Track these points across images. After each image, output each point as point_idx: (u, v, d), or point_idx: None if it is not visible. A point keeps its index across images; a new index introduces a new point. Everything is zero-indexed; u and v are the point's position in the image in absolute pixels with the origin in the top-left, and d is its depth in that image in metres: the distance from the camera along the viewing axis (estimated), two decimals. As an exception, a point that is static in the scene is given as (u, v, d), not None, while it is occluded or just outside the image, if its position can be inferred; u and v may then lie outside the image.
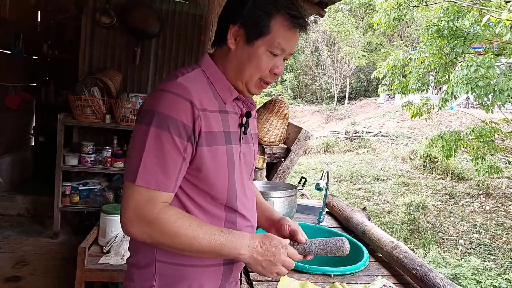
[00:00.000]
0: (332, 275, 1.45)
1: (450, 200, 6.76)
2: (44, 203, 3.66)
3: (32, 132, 4.56)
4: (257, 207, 1.15)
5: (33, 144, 4.63)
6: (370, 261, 1.57)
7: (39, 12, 4.39)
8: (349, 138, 12.55)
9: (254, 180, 2.21)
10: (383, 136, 12.37)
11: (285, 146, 2.31)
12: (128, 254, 1.72)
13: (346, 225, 1.94)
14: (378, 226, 5.76)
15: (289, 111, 2.31)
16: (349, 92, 21.01)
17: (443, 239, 5.53)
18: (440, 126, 11.82)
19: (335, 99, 21.09)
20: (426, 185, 7.56)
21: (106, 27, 3.35)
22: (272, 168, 2.31)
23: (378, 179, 8.26)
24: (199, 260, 0.94)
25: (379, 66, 6.89)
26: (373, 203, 7.11)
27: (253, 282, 1.37)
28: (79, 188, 3.31)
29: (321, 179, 1.84)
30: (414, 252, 4.97)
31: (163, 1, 3.44)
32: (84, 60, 3.43)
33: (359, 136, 12.56)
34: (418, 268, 1.35)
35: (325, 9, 2.76)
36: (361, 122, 15.44)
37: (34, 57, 4.38)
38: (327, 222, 2.01)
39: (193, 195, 0.93)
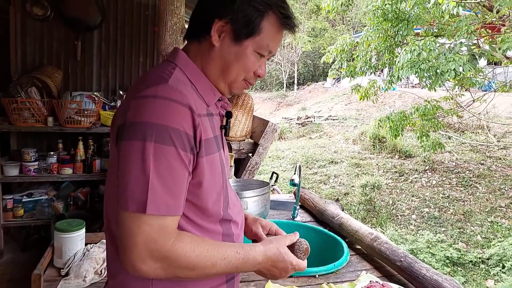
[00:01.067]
0: (317, 276, 1.40)
1: (400, 178, 7.15)
2: (-19, 219, 3.26)
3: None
4: None
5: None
6: (350, 255, 1.55)
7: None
8: (301, 124, 12.78)
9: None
10: (333, 119, 12.76)
11: (252, 141, 2.22)
12: (90, 275, 1.54)
13: (321, 218, 1.91)
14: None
15: (253, 104, 2.21)
16: (297, 78, 21.37)
17: (397, 216, 5.84)
18: (385, 107, 12.43)
19: (284, 85, 21.36)
20: (377, 164, 7.92)
21: (40, 19, 2.99)
22: (240, 165, 2.21)
23: (332, 162, 8.50)
24: (201, 284, 0.85)
25: (327, 51, 7.01)
26: (329, 186, 7.32)
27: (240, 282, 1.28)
28: (23, 200, 2.97)
29: (294, 174, 1.78)
30: (372, 230, 5.23)
31: (104, -12, 3.14)
32: (16, 57, 3.04)
33: (311, 121, 12.84)
34: (402, 259, 1.34)
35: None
36: (311, 107, 15.79)
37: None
38: (301, 217, 1.97)
39: (188, 213, 0.81)
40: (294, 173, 1.80)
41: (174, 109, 0.73)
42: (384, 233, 4.97)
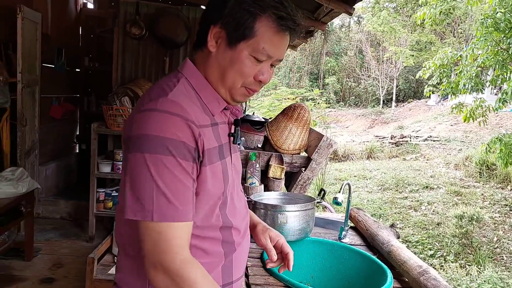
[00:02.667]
0: (346, 301, 1.30)
1: (511, 212, 6.11)
2: (84, 208, 3.82)
3: (75, 140, 4.82)
4: None
5: (77, 151, 4.88)
6: (394, 287, 1.40)
7: (80, 27, 4.64)
8: (395, 143, 11.93)
9: (271, 190, 2.11)
10: (434, 140, 11.60)
11: (306, 155, 2.18)
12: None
13: (372, 243, 1.77)
14: (426, 239, 5.32)
15: (310, 117, 2.17)
16: (396, 94, 20.09)
17: (501, 256, 4.98)
18: (500, 130, 10.84)
19: (381, 102, 20.26)
20: (482, 194, 6.92)
21: (137, 38, 3.44)
22: (292, 179, 2.18)
23: (427, 187, 7.71)
24: None
25: (424, 66, 6.45)
26: (420, 213, 6.64)
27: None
28: (112, 194, 3.41)
29: (339, 191, 1.69)
30: (466, 269, 4.54)
31: (190, 9, 3.47)
32: (117, 71, 3.55)
33: (407, 141, 11.89)
34: (445, 299, 1.16)
35: (353, 6, 2.59)
36: (410, 126, 14.64)
37: (76, 70, 4.63)
38: (350, 239, 1.84)
39: None
40: (339, 191, 1.70)
41: (172, 121, 0.76)
42: (480, 273, 4.29)
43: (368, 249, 1.75)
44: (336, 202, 1.66)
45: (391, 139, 12.28)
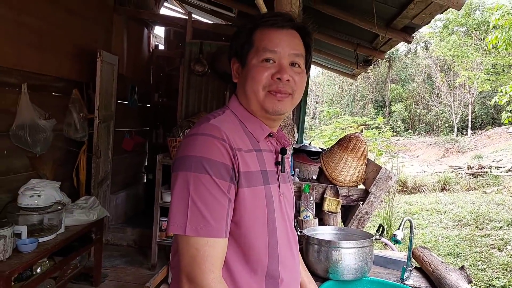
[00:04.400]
0: None
1: None
2: (148, 236, 4.02)
3: (144, 171, 5.16)
4: None
5: (145, 181, 5.22)
6: None
7: (151, 67, 5.09)
8: (472, 174, 10.88)
9: (326, 225, 2.03)
10: (519, 171, 10.36)
11: (364, 188, 2.08)
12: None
13: (438, 286, 1.59)
14: (508, 286, 4.67)
15: (367, 148, 2.09)
16: (472, 121, 18.52)
17: None
18: None
19: (455, 129, 18.80)
20: None
21: (200, 75, 3.67)
22: (349, 213, 2.09)
23: (512, 224, 6.84)
24: None
25: (500, 90, 5.91)
26: (506, 254, 5.86)
27: None
28: (174, 223, 3.54)
29: (399, 229, 1.57)
30: None
31: (248, 45, 3.62)
32: (181, 105, 3.79)
33: (486, 171, 10.78)
34: None
35: (412, 35, 2.51)
36: (489, 156, 13.30)
37: (147, 105, 5.04)
38: (414, 281, 1.68)
39: (228, 257, 0.85)
40: (399, 228, 1.58)
41: (209, 143, 0.83)
42: None
43: (435, 293, 1.58)
44: (395, 240, 1.55)
45: (468, 169, 11.24)
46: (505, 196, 8.92)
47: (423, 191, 10.46)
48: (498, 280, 4.97)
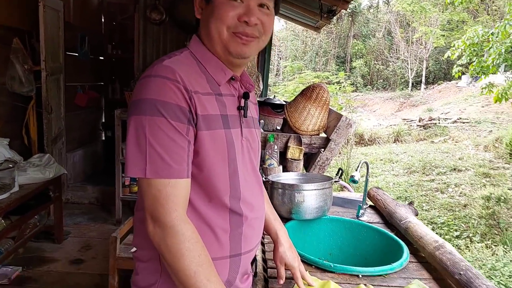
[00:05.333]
0: (360, 276, 1.30)
1: (543, 194, 5.84)
2: (111, 193, 3.96)
3: (101, 128, 4.97)
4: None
5: (103, 139, 5.04)
6: (410, 262, 1.39)
7: (102, 15, 4.72)
8: (423, 126, 11.57)
9: (290, 171, 2.11)
10: (463, 122, 11.16)
11: (325, 136, 2.16)
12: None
13: (389, 220, 1.75)
14: (452, 221, 5.22)
15: (329, 98, 2.14)
16: (426, 76, 19.35)
17: (531, 237, 4.80)
18: (535, 109, 10.28)
19: (410, 84, 19.59)
20: (511, 176, 6.65)
21: (157, 23, 3.47)
22: (311, 160, 2.17)
23: (455, 169, 7.48)
24: None
25: (453, 45, 6.17)
26: (447, 195, 6.46)
27: (269, 279, 1.29)
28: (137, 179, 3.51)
29: (356, 170, 1.67)
30: (491, 250, 4.40)
31: (208, -8, 3.44)
32: (138, 57, 3.60)
33: (435, 123, 11.50)
34: (461, 272, 1.14)
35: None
36: (439, 108, 14.12)
37: (100, 57, 4.74)
38: (368, 217, 1.83)
39: (191, 195, 0.86)
40: (356, 170, 1.68)
41: (162, 85, 0.80)
42: (506, 253, 4.17)
43: (385, 226, 1.73)
44: (352, 180, 1.65)
45: (419, 122, 11.92)
46: (450, 145, 9.64)
47: (378, 143, 11.04)
48: (439, 218, 5.52)
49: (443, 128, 10.89)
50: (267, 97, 2.95)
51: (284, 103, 2.65)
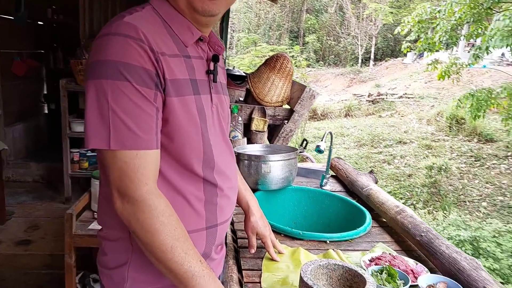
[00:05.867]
0: (328, 241, 1.34)
1: (476, 163, 6.44)
2: (58, 169, 3.70)
3: (43, 100, 4.58)
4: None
5: (46, 112, 4.66)
6: (372, 227, 1.45)
7: (40, -26, 4.25)
8: (372, 101, 12.10)
9: (254, 143, 2.09)
10: (408, 98, 11.84)
11: (289, 107, 2.15)
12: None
13: (351, 188, 1.81)
14: (398, 190, 5.59)
15: (293, 68, 2.12)
16: (374, 53, 20.06)
17: (465, 202, 5.31)
18: (471, 86, 11.13)
19: (360, 60, 20.23)
20: (451, 147, 7.22)
21: (105, -14, 3.18)
22: (274, 131, 2.16)
23: (400, 142, 7.97)
24: None
25: (403, 21, 6.40)
26: (393, 166, 6.90)
27: (240, 249, 1.28)
28: (87, 154, 3.31)
29: (322, 140, 1.69)
30: (433, 215, 4.83)
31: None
32: (84, 23, 3.31)
33: (383, 98, 12.08)
34: (422, 234, 1.21)
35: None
36: (386, 84, 14.81)
37: (39, 22, 4.29)
38: (331, 186, 1.88)
39: (162, 165, 0.80)
40: (322, 140, 1.70)
41: (124, 44, 0.71)
42: (446, 217, 4.58)
43: (348, 194, 1.79)
44: (318, 150, 1.67)
45: (368, 97, 12.44)
46: (396, 119, 10.21)
47: (330, 117, 11.40)
48: (387, 187, 5.89)
49: (390, 103, 11.48)
50: (226, 68, 2.87)
51: (245, 74, 2.60)
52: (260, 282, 1.09)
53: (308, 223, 1.76)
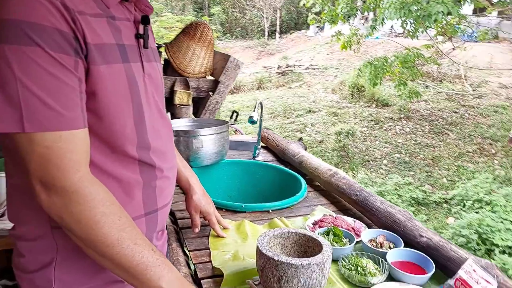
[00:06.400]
0: (270, 211, 1.35)
1: (375, 126, 7.19)
2: None
3: None
4: None
5: None
6: (308, 191, 1.50)
7: None
8: (281, 73, 12.51)
9: (179, 118, 1.98)
10: (314, 69, 12.53)
11: (213, 78, 2.07)
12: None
13: (283, 157, 1.84)
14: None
15: (214, 37, 2.03)
16: (280, 26, 20.60)
17: (369, 161, 5.93)
18: (367, 56, 12.23)
19: (266, 33, 20.61)
20: (354, 113, 7.92)
21: None
22: (200, 104, 2.07)
23: (310, 111, 8.45)
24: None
25: (308, -6, 6.64)
26: (305, 134, 7.31)
27: (182, 230, 1.21)
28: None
29: (253, 110, 1.67)
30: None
31: None
32: None
33: (291, 70, 12.57)
34: (357, 193, 1.29)
35: None
36: (293, 56, 15.41)
37: None
38: (263, 157, 1.89)
39: (91, 151, 0.68)
40: (253, 110, 1.68)
41: (33, 1, 0.57)
42: (355, 177, 5.06)
43: (280, 163, 1.83)
44: (252, 121, 1.64)
45: (278, 69, 12.81)
46: (304, 89, 10.76)
47: (243, 90, 11.51)
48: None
49: (298, 75, 12.01)
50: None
51: (157, 45, 2.41)
52: (210, 261, 1.05)
53: (243, 195, 1.75)
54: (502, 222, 3.47)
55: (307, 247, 0.96)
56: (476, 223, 3.41)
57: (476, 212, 3.81)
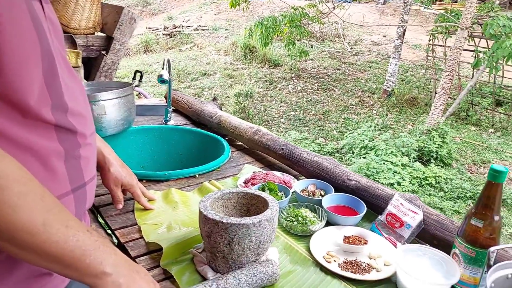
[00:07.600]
0: (197, 175, 1.26)
1: (270, 86, 7.44)
2: None
3: None
4: None
5: None
6: (231, 152, 1.45)
7: None
8: (169, 35, 11.81)
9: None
10: (203, 30, 12.15)
11: (104, 35, 1.79)
12: None
13: (198, 119, 1.74)
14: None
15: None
16: (161, -17, 19.15)
17: (268, 121, 6.16)
18: (254, 17, 12.34)
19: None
20: (249, 74, 8.02)
21: None
22: (91, 66, 1.78)
23: (205, 74, 8.27)
24: None
25: None
26: (204, 98, 7.17)
27: (100, 209, 1.06)
28: None
29: (163, 68, 1.50)
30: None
31: None
32: None
33: (179, 31, 11.96)
34: (283, 147, 1.29)
35: None
36: (178, 17, 14.61)
37: None
38: (175, 121, 1.75)
39: None
40: (162, 68, 1.51)
41: None
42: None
43: (195, 126, 1.72)
44: (162, 80, 1.49)
45: (165, 30, 12.04)
46: (196, 52, 10.41)
47: (128, 54, 10.55)
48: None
49: (187, 36, 11.52)
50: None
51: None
52: (142, 237, 0.93)
53: (158, 163, 1.62)
54: (384, 163, 4.02)
55: (249, 205, 0.92)
56: (364, 167, 3.87)
57: (364, 157, 4.33)
